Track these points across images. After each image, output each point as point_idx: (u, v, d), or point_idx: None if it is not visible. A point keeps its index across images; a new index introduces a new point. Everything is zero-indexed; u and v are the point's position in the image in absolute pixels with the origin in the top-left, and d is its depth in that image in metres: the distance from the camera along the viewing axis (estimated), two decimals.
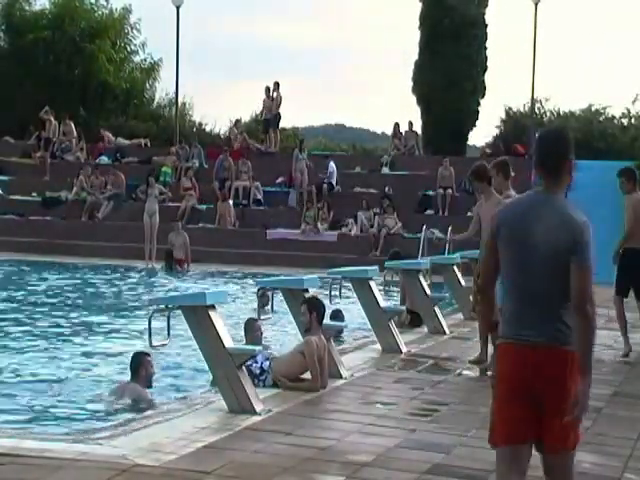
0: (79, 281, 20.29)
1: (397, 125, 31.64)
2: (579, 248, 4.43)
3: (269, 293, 10.20)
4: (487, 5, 33.70)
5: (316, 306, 9.00)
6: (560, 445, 4.47)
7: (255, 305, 14.80)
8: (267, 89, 31.05)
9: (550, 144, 4.57)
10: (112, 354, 11.67)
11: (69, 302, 16.76)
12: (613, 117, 34.42)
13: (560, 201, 4.55)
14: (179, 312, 7.72)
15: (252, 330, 10.38)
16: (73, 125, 32.00)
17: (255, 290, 15.35)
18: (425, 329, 13.20)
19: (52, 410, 8.66)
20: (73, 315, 15.07)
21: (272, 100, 30.99)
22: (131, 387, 8.96)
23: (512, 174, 10.13)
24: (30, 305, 16.18)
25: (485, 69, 33.64)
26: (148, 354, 9.15)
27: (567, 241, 4.42)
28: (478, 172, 10.41)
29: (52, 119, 31.48)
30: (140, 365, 9.00)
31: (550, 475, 4.57)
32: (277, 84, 31.05)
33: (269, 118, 31.30)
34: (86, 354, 11.66)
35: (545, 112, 35.27)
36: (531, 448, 4.52)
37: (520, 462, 4.47)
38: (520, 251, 4.49)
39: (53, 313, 15.19)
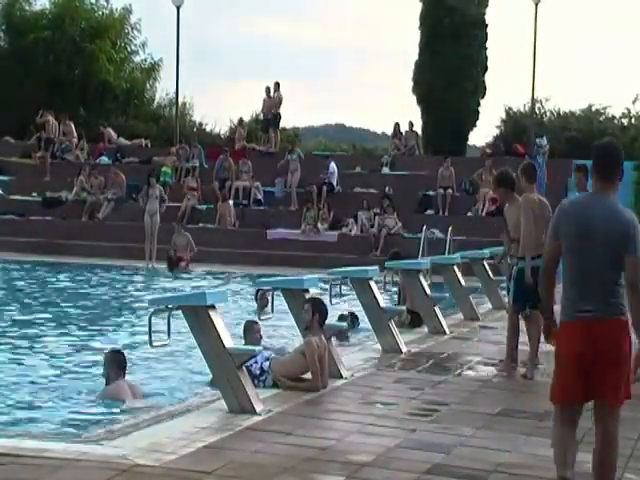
0: (79, 281, 20.30)
1: (397, 125, 31.64)
2: (629, 241, 5.37)
3: (268, 295, 10.16)
4: (487, 5, 33.73)
5: (319, 308, 9.02)
6: (614, 399, 5.48)
7: (255, 305, 14.84)
8: (267, 89, 31.06)
9: (607, 155, 5.56)
10: None
11: (69, 302, 16.76)
12: (613, 117, 34.45)
13: (613, 201, 5.50)
14: (179, 312, 7.71)
15: (251, 332, 10.38)
16: (73, 125, 32.02)
17: (254, 291, 15.41)
18: (425, 329, 13.20)
19: (52, 410, 8.65)
20: (73, 315, 15.07)
21: (272, 100, 31.01)
22: (133, 385, 9.00)
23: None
24: (30, 305, 16.20)
25: (485, 69, 33.65)
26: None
27: (619, 235, 5.38)
28: (501, 179, 10.82)
29: (51, 119, 31.47)
30: (125, 364, 9.06)
31: (602, 423, 5.55)
32: (277, 84, 31.08)
33: (269, 118, 31.32)
34: (86, 354, 11.66)
35: (545, 112, 35.29)
36: (582, 406, 5.53)
37: (572, 416, 5.53)
38: (581, 243, 5.42)
39: (53, 313, 15.20)
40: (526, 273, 9.80)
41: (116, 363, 8.98)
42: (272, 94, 30.94)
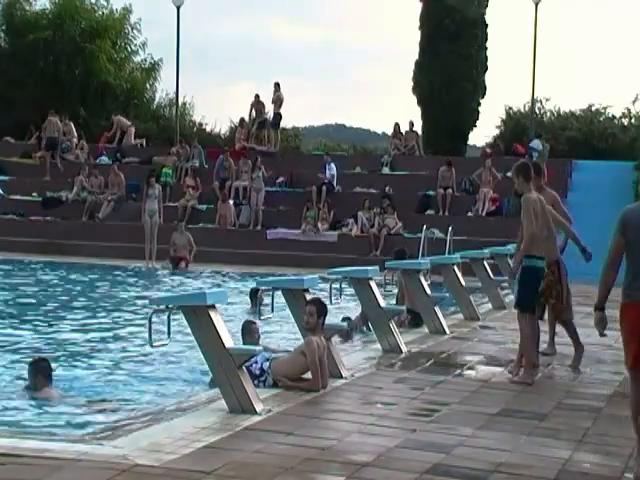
0: (79, 281, 20.30)
1: (397, 125, 31.63)
2: None
3: (264, 294, 10.11)
4: (487, 5, 33.75)
5: (324, 310, 9.02)
6: None
7: (250, 305, 14.86)
8: (257, 96, 31.13)
9: None
10: (112, 354, 11.67)
11: (69, 302, 16.76)
12: (613, 117, 34.47)
13: None
14: (179, 312, 7.71)
15: (250, 332, 10.36)
16: (73, 125, 32.00)
17: (249, 290, 15.42)
18: (425, 329, 13.19)
19: (52, 410, 8.66)
20: (73, 315, 15.06)
21: (261, 104, 31.08)
22: (60, 392, 9.12)
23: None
24: (30, 305, 16.19)
25: (485, 69, 33.67)
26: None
27: None
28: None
29: (52, 119, 31.42)
30: (51, 371, 9.13)
31: None
32: (278, 84, 31.09)
33: (261, 120, 31.31)
34: (85, 354, 11.66)
35: (545, 112, 35.31)
36: None
37: None
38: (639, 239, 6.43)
39: (53, 313, 15.20)
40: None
41: (42, 371, 9.04)
42: (273, 95, 30.96)
